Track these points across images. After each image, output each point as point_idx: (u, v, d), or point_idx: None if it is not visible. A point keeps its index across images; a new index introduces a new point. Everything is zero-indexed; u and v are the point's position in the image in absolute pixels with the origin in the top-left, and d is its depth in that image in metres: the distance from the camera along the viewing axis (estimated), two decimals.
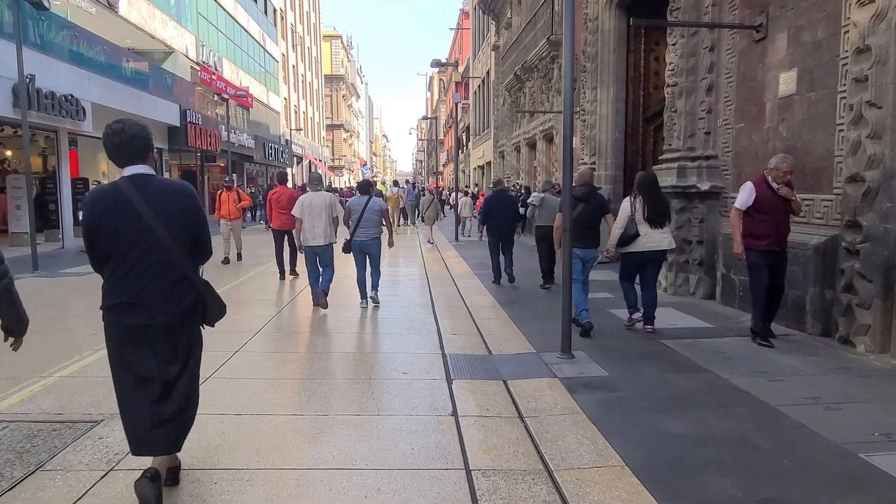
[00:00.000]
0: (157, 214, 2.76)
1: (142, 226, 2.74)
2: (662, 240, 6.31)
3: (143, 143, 2.87)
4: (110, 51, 17.85)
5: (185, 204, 2.90)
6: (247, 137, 31.97)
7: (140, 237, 2.75)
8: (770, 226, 5.68)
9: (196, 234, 2.93)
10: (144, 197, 2.75)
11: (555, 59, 16.69)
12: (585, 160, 13.24)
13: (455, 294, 9.00)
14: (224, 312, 3.08)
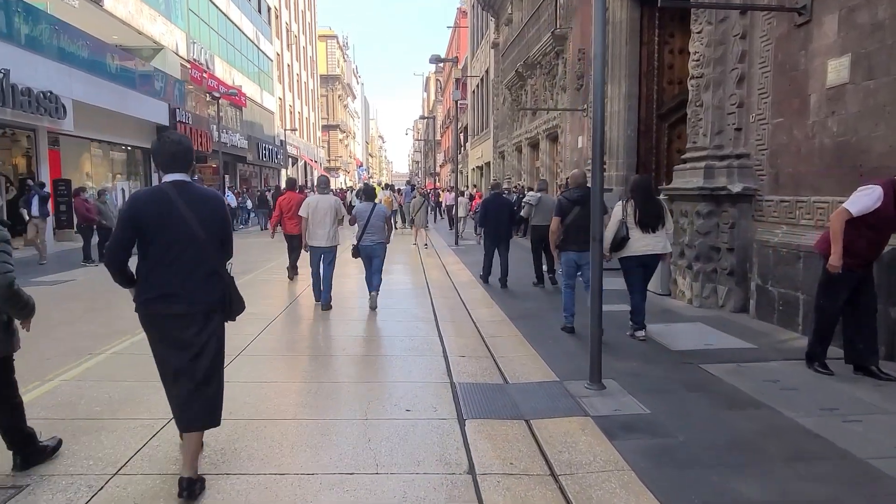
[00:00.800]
0: (195, 215, 3.12)
1: (183, 225, 3.09)
2: (656, 244, 6.22)
3: (190, 156, 3.27)
4: (94, 46, 17.01)
5: (217, 207, 3.26)
6: (239, 138, 31.14)
7: (182, 234, 3.09)
8: (873, 244, 4.76)
9: (224, 234, 3.29)
10: (184, 199, 3.11)
11: (559, 55, 15.92)
12: None
13: (459, 305, 8.21)
14: (244, 307, 3.38)
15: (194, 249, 3.11)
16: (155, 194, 3.14)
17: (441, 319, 7.27)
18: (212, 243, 3.18)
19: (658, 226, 6.22)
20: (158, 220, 3.06)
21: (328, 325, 7.38)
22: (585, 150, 14.09)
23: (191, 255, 3.11)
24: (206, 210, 3.18)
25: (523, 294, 9.05)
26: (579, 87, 14.32)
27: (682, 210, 8.18)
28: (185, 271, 3.10)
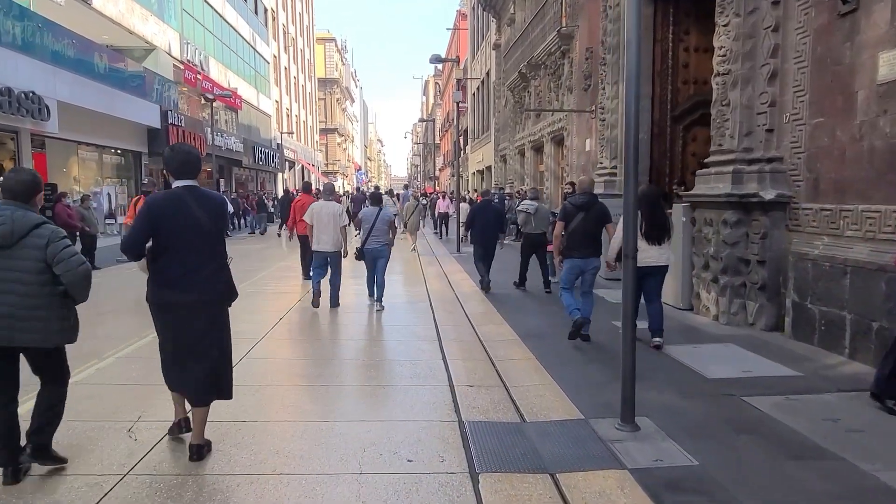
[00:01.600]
0: (206, 215, 3.56)
1: (196, 223, 3.52)
2: (659, 256, 6.19)
3: (199, 164, 3.70)
4: (81, 45, 16.35)
5: (221, 209, 3.75)
6: (235, 141, 30.49)
7: (196, 232, 3.53)
8: None
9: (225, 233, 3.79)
10: (196, 201, 3.54)
11: (565, 54, 15.30)
12: (605, 164, 11.83)
13: (464, 322, 7.54)
14: (236, 296, 3.82)
15: (206, 245, 3.58)
16: (170, 197, 3.55)
17: (445, 338, 6.60)
18: (219, 239, 3.69)
19: (664, 238, 6.19)
20: (174, 219, 3.48)
21: (323, 346, 6.73)
22: (594, 153, 13.46)
23: (203, 251, 3.57)
24: (213, 209, 3.62)
25: (531, 307, 8.40)
26: (587, 87, 13.69)
27: (707, 218, 7.53)
28: (198, 264, 3.54)
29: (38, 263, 3.16)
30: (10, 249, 3.12)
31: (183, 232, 3.49)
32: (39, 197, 3.38)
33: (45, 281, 3.19)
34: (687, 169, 11.22)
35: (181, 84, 24.54)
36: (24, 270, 3.15)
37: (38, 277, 3.17)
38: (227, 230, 3.82)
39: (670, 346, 6.14)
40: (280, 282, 11.35)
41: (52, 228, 3.24)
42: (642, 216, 5.97)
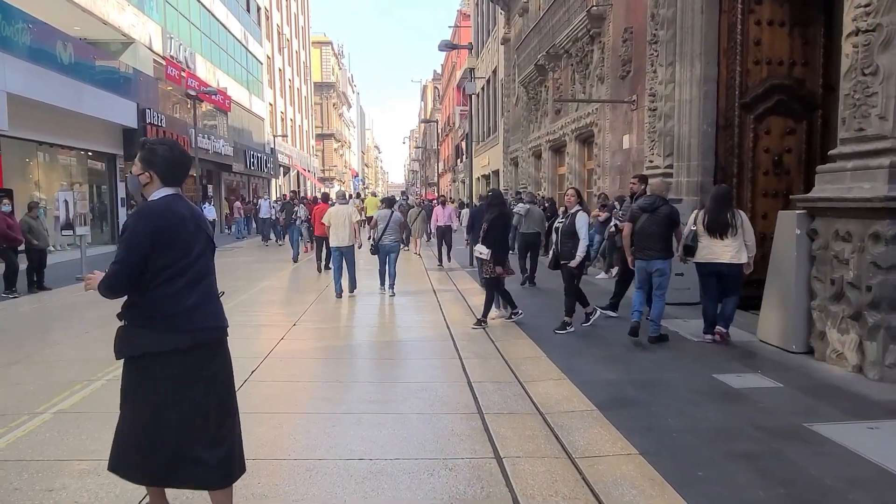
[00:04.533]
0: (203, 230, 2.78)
1: (205, 238, 2.77)
2: (723, 252, 6.23)
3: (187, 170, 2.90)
4: (39, 31, 14.31)
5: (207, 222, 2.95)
6: (224, 144, 28.44)
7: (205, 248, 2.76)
8: None
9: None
10: (191, 213, 2.76)
11: (595, 39, 13.32)
12: (656, 163, 9.80)
13: (506, 373, 5.47)
14: None
15: (210, 264, 2.78)
16: (171, 207, 2.65)
17: (487, 411, 4.51)
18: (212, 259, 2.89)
19: (728, 232, 6.19)
20: (187, 235, 2.66)
21: (315, 444, 4.68)
22: (634, 152, 11.44)
23: (210, 271, 2.77)
24: (204, 221, 2.83)
25: (578, 343, 6.34)
26: (625, 74, 11.69)
27: (840, 231, 5.49)
28: (214, 292, 2.78)
29: None
30: None
31: (190, 251, 2.66)
32: None
33: None
34: (759, 168, 9.22)
35: (163, 81, 22.50)
36: None
37: None
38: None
39: (828, 426, 4.09)
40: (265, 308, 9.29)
41: None
42: (706, 211, 6.37)
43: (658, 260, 6.42)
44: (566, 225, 7.17)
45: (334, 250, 9.94)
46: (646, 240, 6.46)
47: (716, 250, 6.24)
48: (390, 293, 9.99)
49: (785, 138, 9.18)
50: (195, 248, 2.67)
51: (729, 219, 6.19)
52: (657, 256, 6.43)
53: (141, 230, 2.56)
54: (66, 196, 12.26)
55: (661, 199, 6.58)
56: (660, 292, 6.49)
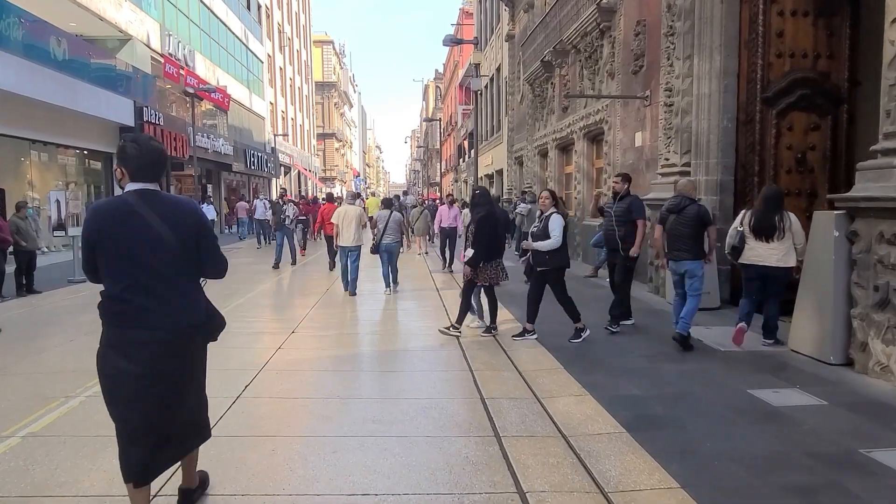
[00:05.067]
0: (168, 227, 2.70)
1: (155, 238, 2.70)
2: (770, 255, 6.09)
3: (164, 165, 2.88)
4: (31, 25, 13.89)
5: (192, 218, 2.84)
6: (224, 143, 28.02)
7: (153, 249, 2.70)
8: None
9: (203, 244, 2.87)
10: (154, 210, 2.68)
11: (605, 33, 12.86)
12: (673, 161, 9.34)
13: (521, 388, 5.02)
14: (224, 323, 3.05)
15: (168, 267, 2.67)
16: (117, 205, 2.68)
17: (504, 433, 4.08)
18: (190, 257, 2.75)
19: (774, 234, 6.05)
20: (122, 234, 2.62)
21: (313, 475, 4.23)
22: (647, 150, 10.99)
23: (166, 275, 2.67)
24: (180, 219, 2.72)
25: (597, 353, 5.89)
26: (637, 69, 11.24)
27: (885, 233, 5.04)
28: (163, 293, 2.66)
29: None
30: None
31: (134, 250, 2.61)
32: None
33: None
34: (781, 166, 8.78)
35: (161, 78, 22.08)
36: None
37: None
38: (205, 239, 2.80)
39: (887, 452, 3.65)
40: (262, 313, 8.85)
41: None
42: (753, 213, 6.26)
43: (687, 261, 6.32)
44: (540, 229, 6.71)
45: (342, 250, 10.21)
46: (674, 241, 6.40)
47: (762, 253, 6.13)
48: (395, 289, 10.43)
49: (809, 135, 8.74)
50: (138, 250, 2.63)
51: (776, 222, 6.05)
52: (686, 257, 6.32)
53: (82, 230, 2.72)
54: (57, 196, 11.85)
55: (688, 199, 6.48)
56: (694, 292, 6.35)
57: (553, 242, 6.48)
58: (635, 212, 7.09)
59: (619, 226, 7.12)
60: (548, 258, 6.58)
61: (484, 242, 6.74)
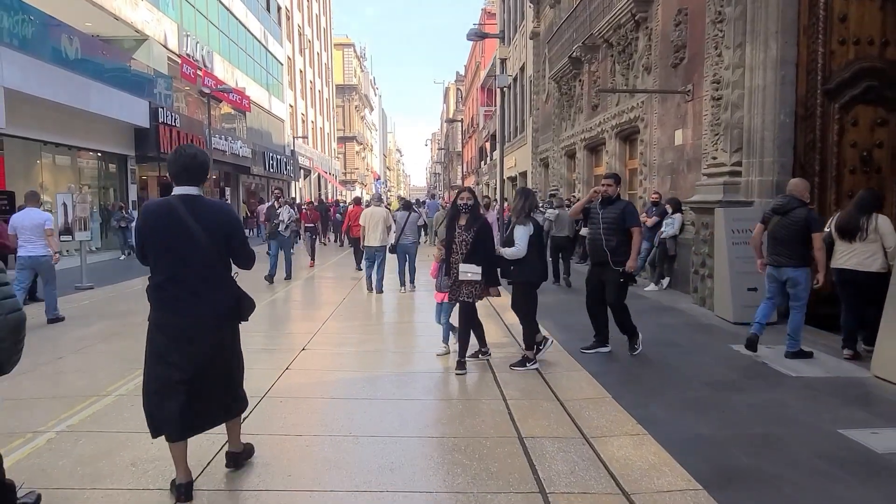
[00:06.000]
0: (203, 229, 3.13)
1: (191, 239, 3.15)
2: (849, 257, 5.71)
3: (205, 170, 3.27)
4: (41, 23, 13.45)
5: (225, 219, 3.29)
6: (242, 145, 27.59)
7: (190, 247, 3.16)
8: None
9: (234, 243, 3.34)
10: (193, 213, 3.11)
11: (640, 25, 12.05)
12: (721, 160, 8.50)
13: (564, 423, 4.26)
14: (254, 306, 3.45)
15: (205, 263, 3.12)
16: (162, 206, 3.14)
17: (552, 488, 3.31)
18: (220, 255, 3.20)
19: (855, 234, 5.66)
20: (165, 231, 3.08)
21: None
22: (689, 148, 10.16)
23: (203, 269, 3.12)
24: (214, 221, 3.16)
25: (644, 375, 5.10)
26: (678, 62, 10.41)
27: None
28: (200, 286, 3.12)
29: None
30: None
31: (175, 246, 3.09)
32: None
33: None
34: (844, 165, 7.93)
35: (178, 79, 21.68)
36: None
37: None
38: (236, 238, 3.25)
39: None
40: None
41: None
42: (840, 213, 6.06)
43: (789, 268, 5.83)
44: (507, 237, 5.93)
45: (367, 250, 10.55)
46: (776, 244, 5.93)
47: (843, 255, 5.80)
48: (411, 288, 10.66)
49: (875, 130, 7.87)
50: (179, 246, 3.07)
51: (861, 222, 5.65)
52: (788, 263, 5.84)
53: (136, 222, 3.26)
54: (65, 199, 11.33)
55: (796, 201, 5.88)
56: (796, 304, 5.87)
57: (514, 251, 5.62)
58: (629, 219, 5.99)
59: (608, 235, 5.96)
60: (513, 269, 5.77)
61: (490, 255, 5.64)
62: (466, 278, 5.46)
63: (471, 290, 5.56)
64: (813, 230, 5.72)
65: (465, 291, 5.58)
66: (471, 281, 5.49)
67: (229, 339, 3.32)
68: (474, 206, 5.71)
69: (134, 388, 5.08)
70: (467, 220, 5.63)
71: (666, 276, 10.50)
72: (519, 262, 5.71)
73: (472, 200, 5.68)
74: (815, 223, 5.79)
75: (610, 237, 5.96)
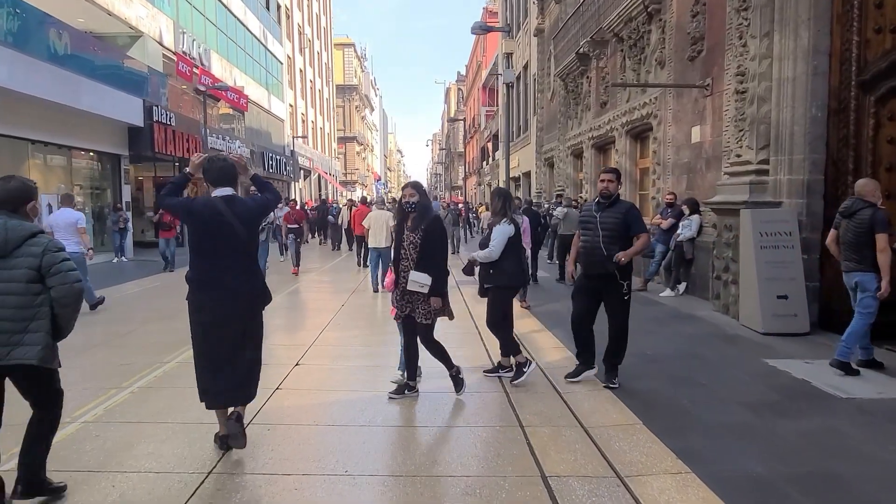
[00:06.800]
0: (240, 223, 3.68)
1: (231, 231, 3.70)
2: None
3: (234, 173, 3.85)
4: (27, 15, 12.92)
5: (255, 213, 3.89)
6: (240, 145, 27.05)
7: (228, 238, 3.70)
8: None
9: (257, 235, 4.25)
10: (232, 210, 3.65)
11: (653, 17, 11.50)
12: (747, 158, 7.95)
13: (593, 458, 3.71)
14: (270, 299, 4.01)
15: (241, 251, 3.70)
16: (207, 202, 3.68)
17: None
18: (252, 245, 3.82)
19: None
20: (209, 224, 3.60)
21: None
22: (707, 146, 9.60)
23: (239, 256, 3.69)
24: (248, 212, 3.73)
25: (675, 394, 4.54)
26: (695, 54, 9.85)
27: None
28: (233, 268, 3.66)
29: (31, 272, 2.94)
30: (4, 260, 2.92)
31: (217, 237, 3.61)
32: (32, 206, 3.15)
33: (38, 290, 2.96)
34: (880, 163, 7.34)
35: (173, 77, 21.15)
36: (18, 281, 2.92)
37: (32, 287, 2.94)
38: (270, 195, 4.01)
39: None
40: None
41: (49, 239, 3.06)
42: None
43: (857, 272, 5.42)
44: (483, 239, 5.57)
45: (373, 251, 10.81)
46: (845, 249, 5.57)
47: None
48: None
49: None
50: (218, 236, 3.62)
51: None
52: (855, 268, 5.45)
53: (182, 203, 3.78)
54: (49, 199, 10.81)
55: (862, 202, 5.45)
56: (862, 311, 5.39)
57: (487, 253, 5.28)
58: (635, 225, 5.04)
59: (608, 243, 4.98)
60: (491, 273, 5.35)
61: (439, 260, 4.79)
62: (415, 288, 4.64)
63: (427, 310, 4.70)
64: (877, 231, 5.23)
65: (422, 311, 4.70)
66: (420, 293, 4.66)
67: (254, 316, 3.80)
68: (422, 204, 4.82)
69: (103, 413, 4.54)
70: (413, 220, 4.77)
71: (682, 280, 9.94)
72: (496, 266, 5.29)
73: (416, 197, 4.81)
74: (880, 224, 5.26)
75: (611, 246, 4.97)
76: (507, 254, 5.31)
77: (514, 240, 5.34)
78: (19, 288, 2.90)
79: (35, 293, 2.93)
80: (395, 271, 4.84)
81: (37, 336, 2.91)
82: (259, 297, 3.80)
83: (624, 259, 4.91)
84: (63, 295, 2.94)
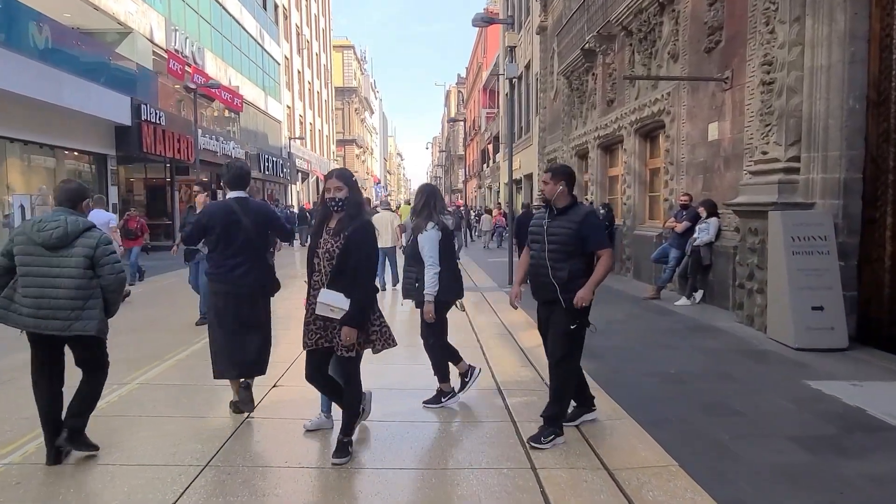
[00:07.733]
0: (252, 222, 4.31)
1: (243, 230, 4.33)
2: None
3: (248, 177, 4.60)
4: (5, 6, 12.26)
5: (266, 217, 4.55)
6: (235, 146, 26.38)
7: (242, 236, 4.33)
8: None
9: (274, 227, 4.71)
10: (244, 211, 4.30)
11: (665, 8, 10.83)
12: (775, 155, 7.25)
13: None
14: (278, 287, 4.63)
15: (250, 247, 4.27)
16: (222, 206, 4.34)
17: None
18: (263, 243, 4.45)
19: None
20: (224, 225, 4.21)
21: None
22: (726, 143, 8.92)
23: (249, 251, 4.25)
24: (259, 216, 4.35)
25: (710, 426, 3.86)
26: (712, 45, 9.18)
27: None
28: (245, 262, 4.24)
29: (86, 260, 3.45)
30: (65, 249, 3.42)
31: (232, 235, 4.20)
32: (85, 203, 3.73)
33: (90, 276, 3.48)
34: None
35: (163, 74, 20.49)
36: (76, 267, 3.43)
37: (85, 273, 3.46)
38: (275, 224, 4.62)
39: None
40: None
41: (101, 233, 3.58)
42: None
43: None
44: (409, 247, 4.80)
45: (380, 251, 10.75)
46: None
47: None
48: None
49: None
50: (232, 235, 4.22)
51: None
52: None
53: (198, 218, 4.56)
54: (22, 200, 10.13)
55: None
56: None
57: (431, 276, 4.48)
58: (592, 239, 3.90)
59: (555, 260, 3.89)
60: (417, 286, 4.60)
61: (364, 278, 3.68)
62: (324, 312, 3.54)
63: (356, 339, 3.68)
64: None
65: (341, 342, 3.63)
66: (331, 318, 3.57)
67: (263, 303, 4.45)
68: (352, 201, 3.65)
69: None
70: (338, 223, 3.65)
71: (699, 288, 9.25)
72: (423, 277, 4.51)
73: (344, 191, 3.61)
74: None
75: (559, 264, 3.89)
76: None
77: (444, 244, 4.56)
78: (77, 272, 3.42)
79: (89, 277, 3.47)
80: (308, 286, 3.74)
81: (94, 312, 3.45)
82: (265, 287, 4.40)
83: (583, 302, 3.77)
84: (110, 283, 3.52)
